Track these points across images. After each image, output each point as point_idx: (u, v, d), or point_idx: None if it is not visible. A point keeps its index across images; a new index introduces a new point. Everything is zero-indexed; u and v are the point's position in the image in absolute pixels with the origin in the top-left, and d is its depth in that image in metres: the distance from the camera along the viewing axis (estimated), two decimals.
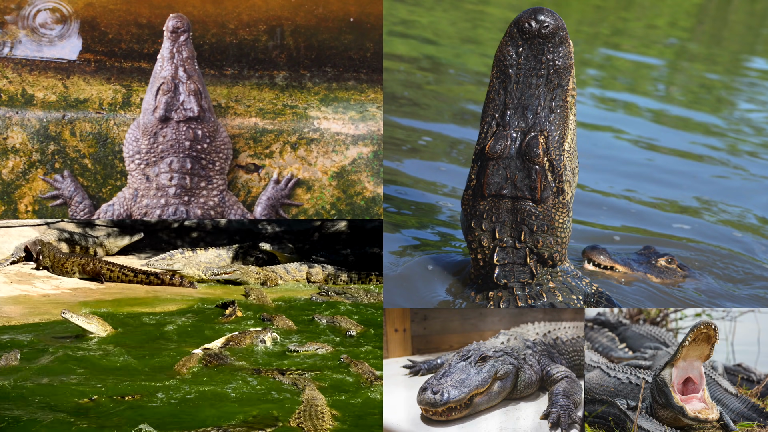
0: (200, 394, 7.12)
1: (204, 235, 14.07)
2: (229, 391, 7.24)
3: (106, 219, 8.29)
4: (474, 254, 6.86)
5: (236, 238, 13.81)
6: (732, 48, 19.96)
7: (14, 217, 8.19)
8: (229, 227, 14.15)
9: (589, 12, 21.85)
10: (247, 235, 13.88)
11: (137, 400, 6.96)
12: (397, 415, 6.89)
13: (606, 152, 11.11)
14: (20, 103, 8.16)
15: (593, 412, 7.15)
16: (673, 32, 20.56)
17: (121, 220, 13.73)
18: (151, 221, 13.90)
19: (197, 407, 6.85)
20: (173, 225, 14.07)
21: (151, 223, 13.95)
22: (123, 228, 13.55)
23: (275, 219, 13.92)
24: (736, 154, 11.82)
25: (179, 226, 14.09)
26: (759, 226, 9.30)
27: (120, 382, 7.37)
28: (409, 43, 14.95)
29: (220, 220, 14.20)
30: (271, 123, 8.25)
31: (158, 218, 7.96)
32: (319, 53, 8.42)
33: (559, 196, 6.61)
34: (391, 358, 8.41)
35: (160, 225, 14.02)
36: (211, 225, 14.16)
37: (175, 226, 14.08)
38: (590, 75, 15.18)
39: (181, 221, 14.08)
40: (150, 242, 13.42)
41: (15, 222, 13.07)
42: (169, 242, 13.65)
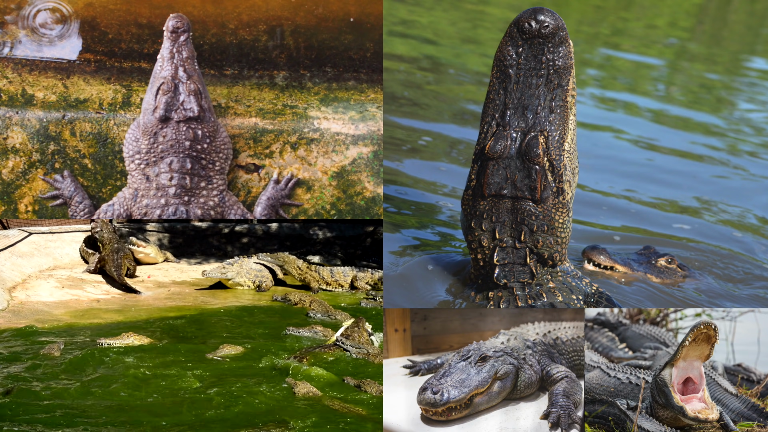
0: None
1: (255, 240, 13.86)
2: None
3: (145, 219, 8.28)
4: (474, 254, 6.86)
5: (287, 243, 13.60)
6: (732, 48, 19.97)
7: (14, 217, 8.19)
8: (279, 232, 13.94)
9: (589, 12, 21.86)
10: (299, 240, 13.63)
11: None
12: (397, 415, 6.89)
13: (606, 152, 11.10)
14: (20, 103, 8.16)
15: (593, 412, 7.15)
16: (673, 32, 20.56)
17: (173, 225, 13.77)
18: (176, 226, 13.85)
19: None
20: (224, 230, 13.88)
21: (202, 228, 13.83)
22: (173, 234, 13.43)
23: (324, 224, 13.91)
24: (736, 154, 11.82)
25: (230, 232, 13.89)
26: (759, 226, 9.29)
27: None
28: (409, 43, 14.95)
29: (271, 225, 14.04)
30: (271, 123, 8.25)
31: (158, 218, 7.96)
32: (319, 53, 8.42)
33: (559, 196, 6.61)
34: (391, 358, 8.41)
35: (210, 230, 13.85)
36: (262, 230, 13.96)
37: (226, 231, 13.89)
38: (590, 75, 15.18)
39: (231, 226, 13.94)
40: (200, 248, 13.23)
41: (67, 227, 13.12)
42: (219, 248, 13.46)
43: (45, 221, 13.31)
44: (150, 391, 7.27)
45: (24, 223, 13.13)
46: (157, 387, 7.38)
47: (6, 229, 12.77)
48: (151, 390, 7.29)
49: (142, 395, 7.16)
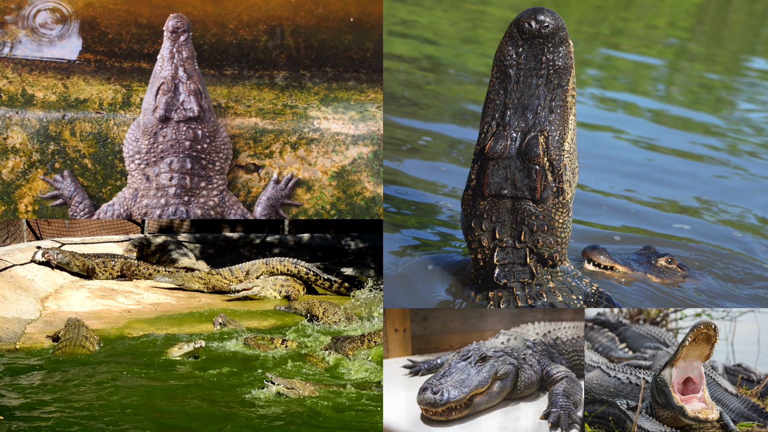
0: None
1: (286, 251, 13.83)
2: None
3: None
4: (474, 254, 6.86)
5: (318, 254, 13.54)
6: (732, 48, 19.96)
7: (14, 216, 8.19)
8: (311, 243, 13.90)
9: (589, 12, 21.85)
10: (330, 251, 13.56)
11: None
12: (397, 415, 6.89)
13: (606, 152, 11.10)
14: (20, 103, 8.16)
15: (593, 412, 7.15)
16: (673, 32, 20.56)
17: (204, 235, 13.78)
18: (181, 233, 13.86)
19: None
20: (255, 241, 13.84)
21: (233, 239, 13.83)
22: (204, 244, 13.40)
23: (356, 234, 13.84)
24: (736, 154, 11.81)
25: (261, 242, 13.86)
26: (759, 226, 9.29)
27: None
28: (409, 43, 14.95)
29: (303, 236, 14.00)
30: (271, 123, 8.25)
31: (158, 218, 7.96)
32: (319, 53, 8.41)
33: (559, 196, 6.61)
34: (391, 358, 8.41)
35: (241, 241, 13.84)
36: (294, 241, 13.92)
37: (257, 242, 13.86)
38: (590, 75, 15.18)
39: (263, 237, 13.91)
40: (232, 258, 13.21)
41: (99, 238, 13.18)
42: (250, 258, 13.44)
43: (77, 232, 13.41)
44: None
45: (56, 233, 13.21)
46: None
47: (39, 239, 12.83)
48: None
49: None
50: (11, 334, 9.08)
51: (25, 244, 12.27)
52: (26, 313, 9.80)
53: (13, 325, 9.29)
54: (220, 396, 7.53)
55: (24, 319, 9.63)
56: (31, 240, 12.72)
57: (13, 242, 12.27)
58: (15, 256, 11.33)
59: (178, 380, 7.95)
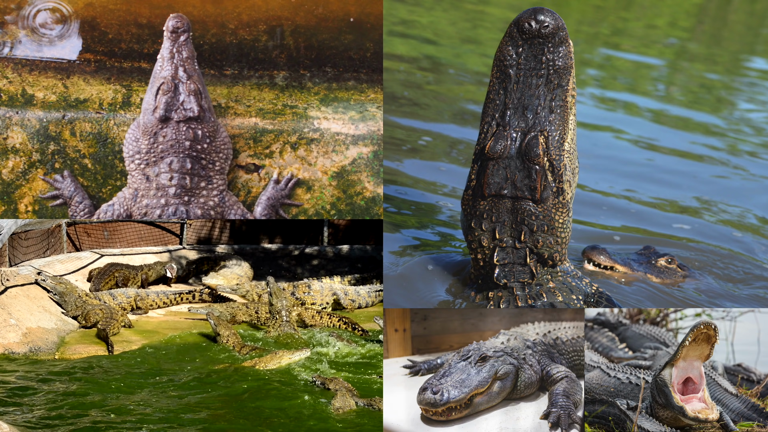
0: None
1: (325, 262, 13.76)
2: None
3: (105, 219, 8.22)
4: (474, 254, 6.86)
5: (358, 265, 13.48)
6: (732, 48, 19.96)
7: (14, 216, 8.19)
8: (350, 254, 13.82)
9: (589, 12, 21.85)
10: (370, 263, 13.46)
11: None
12: (397, 415, 6.89)
13: (606, 152, 11.10)
14: (20, 103, 8.16)
15: (593, 412, 7.15)
16: (673, 32, 20.55)
17: (243, 247, 13.75)
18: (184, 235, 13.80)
19: None
20: (294, 252, 13.76)
21: (272, 250, 13.79)
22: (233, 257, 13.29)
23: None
24: (736, 154, 11.81)
25: (300, 254, 13.81)
26: (759, 226, 9.29)
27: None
28: (409, 43, 14.94)
29: (342, 247, 13.94)
30: (271, 123, 8.25)
31: (158, 218, 7.96)
32: (319, 53, 8.41)
33: (559, 196, 6.61)
34: (391, 358, 8.41)
35: (280, 252, 13.80)
36: (333, 252, 13.87)
37: (296, 254, 13.81)
38: (590, 75, 15.18)
39: (302, 248, 13.86)
40: (270, 269, 13.15)
41: (138, 249, 13.17)
42: (288, 269, 13.38)
43: (116, 243, 13.39)
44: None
45: (96, 244, 13.19)
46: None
47: (78, 250, 12.83)
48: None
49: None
50: (50, 344, 9.18)
51: (65, 255, 12.27)
52: (66, 324, 9.87)
53: (52, 335, 9.38)
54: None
55: (63, 330, 9.71)
56: (71, 251, 12.70)
57: (53, 253, 12.28)
58: (55, 267, 11.36)
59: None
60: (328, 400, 7.45)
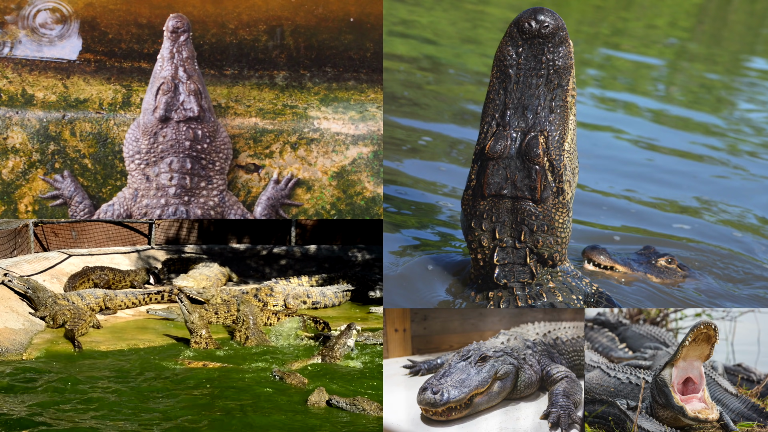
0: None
1: (293, 262, 13.74)
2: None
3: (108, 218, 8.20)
4: (474, 254, 6.86)
5: (325, 265, 13.48)
6: (732, 48, 19.96)
7: (14, 216, 8.19)
8: (318, 254, 13.86)
9: (589, 12, 21.85)
10: (337, 262, 13.50)
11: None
12: (397, 415, 6.88)
13: (606, 152, 11.10)
14: (20, 103, 8.16)
15: (593, 412, 7.15)
16: (673, 32, 20.55)
17: (211, 247, 13.71)
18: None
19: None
20: (262, 252, 13.77)
21: (240, 250, 13.80)
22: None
23: (363, 246, 13.80)
24: (736, 154, 11.81)
25: (268, 254, 13.79)
26: (759, 226, 9.29)
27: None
28: (409, 43, 14.95)
29: (309, 247, 13.97)
30: (271, 123, 8.25)
31: (158, 218, 7.96)
32: (319, 53, 8.41)
33: (559, 196, 6.61)
34: (391, 358, 8.41)
35: (248, 252, 13.79)
36: (300, 252, 13.89)
37: (264, 254, 13.79)
38: (590, 75, 15.18)
39: (270, 248, 13.86)
40: (238, 269, 13.12)
41: (105, 249, 13.12)
42: (257, 269, 13.33)
43: (84, 243, 13.33)
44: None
45: (64, 244, 13.14)
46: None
47: (46, 251, 12.79)
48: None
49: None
50: (18, 345, 9.09)
51: (32, 255, 12.22)
52: (33, 324, 9.81)
53: (20, 336, 9.31)
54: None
55: (31, 330, 9.64)
56: (38, 251, 12.65)
57: (20, 254, 12.23)
58: (22, 268, 11.31)
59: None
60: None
